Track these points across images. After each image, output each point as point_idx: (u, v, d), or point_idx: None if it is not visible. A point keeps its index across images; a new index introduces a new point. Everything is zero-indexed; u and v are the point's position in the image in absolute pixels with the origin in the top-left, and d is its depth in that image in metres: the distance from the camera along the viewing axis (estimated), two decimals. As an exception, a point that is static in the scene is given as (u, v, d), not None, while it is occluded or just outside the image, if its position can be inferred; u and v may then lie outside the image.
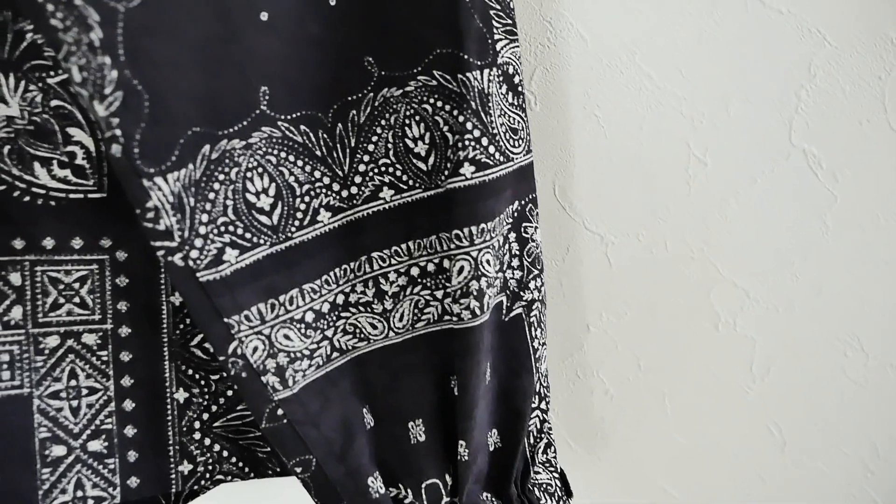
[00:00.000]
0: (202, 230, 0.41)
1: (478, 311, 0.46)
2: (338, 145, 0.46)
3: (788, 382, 0.62)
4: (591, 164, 0.59)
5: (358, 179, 0.47)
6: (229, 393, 0.49)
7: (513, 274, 0.50)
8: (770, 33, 0.57)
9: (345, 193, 0.46)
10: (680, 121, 0.58)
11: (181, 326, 0.48)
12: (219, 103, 0.41)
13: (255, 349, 0.43)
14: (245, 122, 0.43)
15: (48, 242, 0.45)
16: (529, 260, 0.51)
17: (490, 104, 0.45)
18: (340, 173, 0.46)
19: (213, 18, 0.40)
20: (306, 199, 0.45)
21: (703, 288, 0.61)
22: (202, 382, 0.48)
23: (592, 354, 0.63)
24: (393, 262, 0.48)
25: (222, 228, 0.42)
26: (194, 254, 0.40)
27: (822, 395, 0.63)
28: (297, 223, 0.45)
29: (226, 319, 0.42)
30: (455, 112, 0.45)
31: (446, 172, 0.46)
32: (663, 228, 0.60)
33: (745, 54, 0.57)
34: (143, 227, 0.38)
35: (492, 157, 0.46)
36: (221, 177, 0.42)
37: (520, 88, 0.48)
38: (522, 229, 0.50)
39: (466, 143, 0.45)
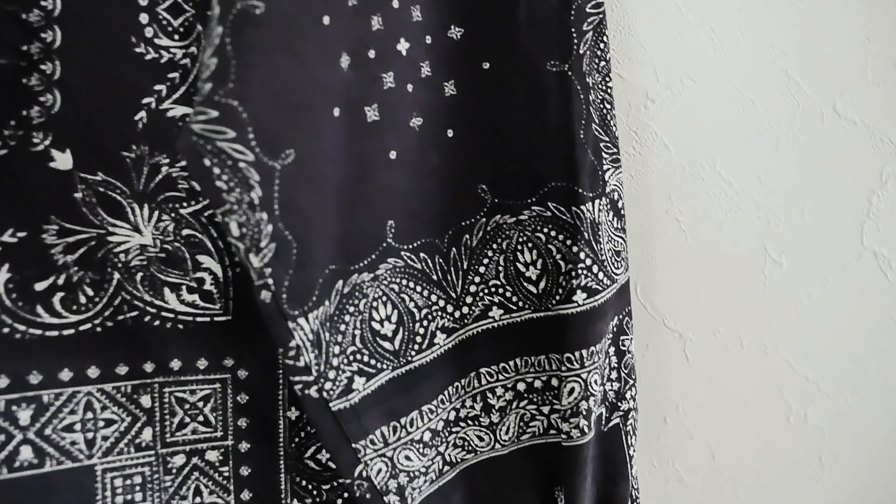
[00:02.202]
0: (335, 362, 0.42)
1: (586, 430, 0.48)
2: (451, 268, 0.48)
3: (856, 472, 0.65)
4: (672, 265, 0.61)
5: (469, 300, 0.49)
6: (339, 502, 0.50)
7: (611, 386, 0.52)
8: (845, 142, 0.59)
9: (457, 314, 0.48)
10: (757, 224, 0.60)
11: (296, 440, 0.49)
12: (352, 240, 0.43)
13: (379, 471, 0.44)
14: (374, 256, 0.45)
15: (175, 364, 0.46)
16: (626, 371, 0.53)
17: (600, 232, 0.48)
18: (454, 295, 0.48)
19: (351, 163, 0.42)
20: (424, 322, 0.47)
21: (776, 381, 0.63)
22: (314, 493, 0.50)
23: (668, 445, 0.65)
24: (500, 377, 0.49)
25: (351, 357, 0.44)
26: (328, 385, 0.42)
27: (889, 484, 0.65)
28: (416, 347, 0.47)
29: (353, 445, 0.43)
30: (569, 242, 0.47)
31: (557, 297, 0.48)
32: (739, 326, 0.62)
33: (821, 161, 0.59)
34: (284, 364, 0.40)
35: (601, 283, 0.48)
36: (352, 309, 0.44)
37: (622, 212, 0.50)
38: (620, 342, 0.52)
39: (579, 271, 0.47)
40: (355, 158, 0.43)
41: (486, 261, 0.49)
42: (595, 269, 0.47)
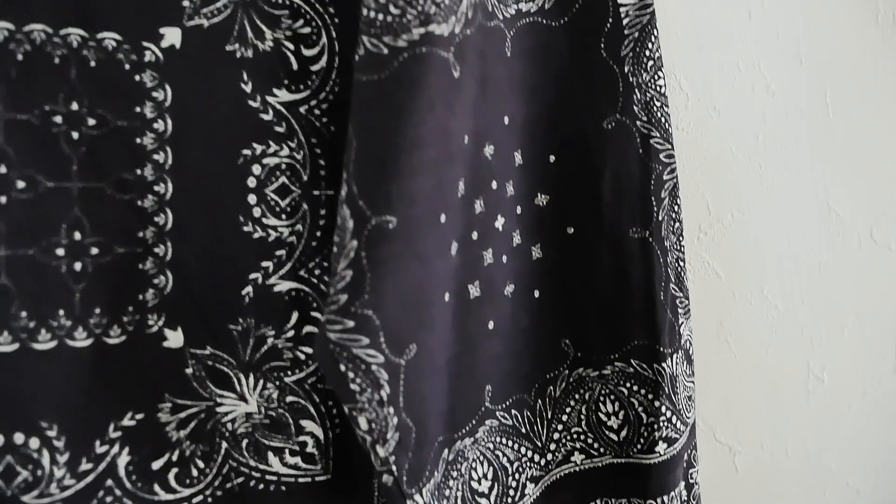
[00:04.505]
0: (440, 527, 0.45)
1: (668, 570, 0.51)
2: (538, 419, 0.50)
3: (892, 568, 0.69)
4: (722, 383, 0.64)
5: (552, 446, 0.51)
6: None
7: (682, 518, 0.55)
8: (880, 265, 0.63)
9: (542, 462, 0.51)
10: (801, 343, 0.64)
11: (391, 587, 0.51)
12: (456, 411, 0.45)
13: None
14: (474, 422, 0.47)
15: (278, 524, 0.48)
16: (695, 502, 0.56)
17: (677, 384, 0.50)
18: (539, 444, 0.51)
19: (456, 340, 0.44)
20: (516, 475, 0.49)
21: (819, 486, 0.67)
22: None
23: (717, 550, 0.68)
24: (582, 518, 0.52)
25: (454, 520, 0.46)
26: (436, 551, 0.44)
27: (922, 578, 0.69)
28: (509, 500, 0.49)
29: None
30: (650, 396, 0.50)
31: (639, 446, 0.50)
32: (784, 437, 0.66)
33: (859, 284, 0.63)
34: (400, 538, 0.42)
35: (678, 431, 0.51)
36: (455, 473, 0.46)
37: (692, 357, 0.53)
38: (689, 475, 0.55)
39: (661, 423, 0.50)
40: (460, 335, 0.45)
41: (568, 409, 0.51)
42: (674, 419, 0.50)
